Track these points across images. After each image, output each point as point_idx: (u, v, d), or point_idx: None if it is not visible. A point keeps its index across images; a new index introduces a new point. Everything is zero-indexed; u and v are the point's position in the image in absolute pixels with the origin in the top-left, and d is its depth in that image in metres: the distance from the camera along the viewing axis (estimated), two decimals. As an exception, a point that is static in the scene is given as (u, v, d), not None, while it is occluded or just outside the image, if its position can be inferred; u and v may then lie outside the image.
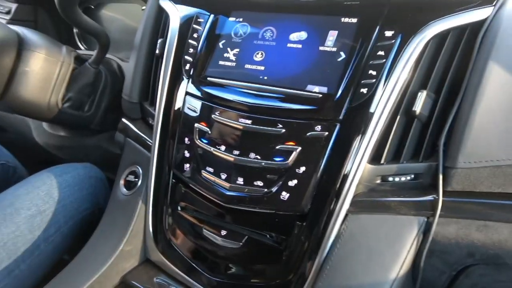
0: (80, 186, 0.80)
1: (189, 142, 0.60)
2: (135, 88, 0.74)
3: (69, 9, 0.68)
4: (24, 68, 0.72)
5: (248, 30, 0.61)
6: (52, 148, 1.01)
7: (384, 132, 0.49)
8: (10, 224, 0.69)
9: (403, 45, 0.49)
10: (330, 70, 0.53)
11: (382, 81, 0.49)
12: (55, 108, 0.79)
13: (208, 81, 0.61)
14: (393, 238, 0.50)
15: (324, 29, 0.55)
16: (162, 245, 0.64)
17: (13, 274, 0.66)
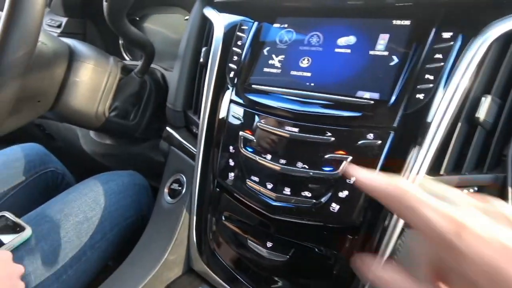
0: (125, 194, 0.81)
1: (233, 150, 0.59)
2: (179, 96, 0.74)
3: (117, 20, 0.70)
4: (74, 79, 0.75)
5: (293, 36, 0.60)
6: (98, 156, 1.04)
7: (444, 140, 0.46)
8: (60, 230, 0.71)
9: (463, 47, 0.46)
10: (382, 75, 0.50)
11: (440, 86, 0.46)
12: (102, 117, 0.81)
13: (252, 89, 0.60)
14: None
15: (374, 33, 0.53)
16: (206, 255, 0.63)
17: (61, 279, 0.68)
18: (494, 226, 0.25)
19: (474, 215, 0.26)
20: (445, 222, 0.25)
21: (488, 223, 0.25)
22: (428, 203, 0.27)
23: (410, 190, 0.28)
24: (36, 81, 0.66)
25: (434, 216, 0.26)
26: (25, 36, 0.54)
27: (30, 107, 0.70)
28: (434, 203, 0.27)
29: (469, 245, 0.24)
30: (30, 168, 0.93)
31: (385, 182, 0.30)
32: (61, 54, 0.72)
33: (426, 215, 0.26)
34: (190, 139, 0.73)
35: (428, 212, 0.26)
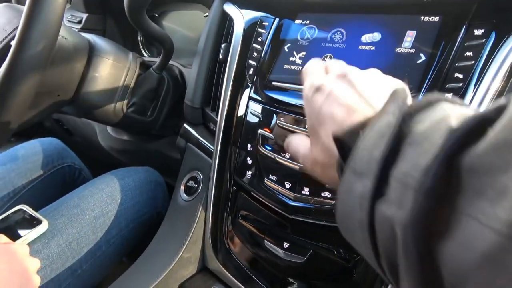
0: (140, 190, 0.81)
1: (251, 148, 0.58)
2: (198, 93, 0.73)
3: (138, 15, 0.69)
4: (93, 74, 0.75)
5: (315, 32, 0.59)
6: (115, 152, 1.04)
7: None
8: (76, 225, 0.71)
9: (497, 44, 0.43)
10: (408, 73, 0.48)
11: (471, 85, 0.44)
12: (120, 113, 0.81)
13: (272, 86, 0.58)
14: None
15: (400, 29, 0.51)
16: (221, 253, 0.62)
17: (76, 274, 0.68)
18: (333, 83, 0.35)
19: (328, 80, 0.36)
20: (307, 88, 0.38)
21: (329, 83, 0.36)
22: (309, 75, 0.40)
23: (308, 66, 0.42)
24: (56, 75, 0.66)
25: (307, 83, 0.39)
26: (46, 29, 0.54)
27: (49, 101, 0.71)
28: (310, 76, 0.39)
29: (313, 100, 0.36)
30: (48, 163, 0.93)
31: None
32: (81, 49, 0.72)
33: (304, 82, 0.40)
34: (208, 137, 0.72)
35: (306, 81, 0.39)
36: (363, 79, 0.35)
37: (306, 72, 0.42)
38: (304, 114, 0.53)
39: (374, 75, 0.36)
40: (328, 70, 0.40)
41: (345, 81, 0.35)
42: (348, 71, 0.36)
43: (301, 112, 0.54)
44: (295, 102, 0.55)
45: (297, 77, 0.57)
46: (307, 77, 0.40)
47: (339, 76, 0.36)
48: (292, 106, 0.55)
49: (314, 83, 0.37)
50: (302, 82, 0.41)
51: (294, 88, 0.56)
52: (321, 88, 0.36)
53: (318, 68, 0.41)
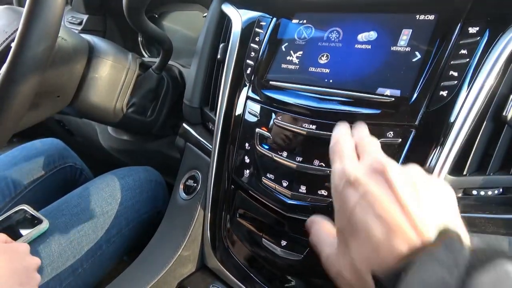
0: (140, 189, 0.81)
1: (249, 147, 0.59)
2: (196, 93, 0.74)
3: (136, 16, 0.70)
4: (93, 75, 0.75)
5: (312, 32, 0.59)
6: (115, 152, 1.05)
7: (468, 139, 0.44)
8: (76, 224, 0.71)
9: (491, 42, 0.44)
10: (404, 72, 0.48)
11: (465, 83, 0.44)
12: (120, 113, 0.81)
13: (270, 85, 0.59)
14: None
15: (396, 28, 0.51)
16: (219, 252, 0.63)
17: (76, 273, 0.68)
18: (369, 180, 0.30)
19: (362, 172, 0.31)
20: (338, 176, 0.33)
21: (363, 178, 0.31)
22: (339, 157, 0.35)
23: (337, 142, 0.37)
24: (55, 76, 0.67)
25: (336, 167, 0.34)
26: (46, 31, 0.55)
27: (49, 102, 0.71)
28: (341, 159, 0.35)
29: (344, 191, 0.31)
30: (49, 163, 0.94)
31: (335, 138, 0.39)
32: (80, 50, 0.73)
33: (332, 163, 0.36)
34: (206, 136, 0.72)
35: (335, 164, 0.35)
36: (405, 182, 0.29)
37: (335, 151, 0.37)
38: (302, 113, 0.54)
39: (418, 178, 0.30)
40: (361, 151, 0.35)
41: (384, 180, 0.29)
42: (387, 166, 0.30)
43: (298, 111, 0.54)
44: (292, 101, 0.55)
45: (294, 76, 0.57)
46: (336, 158, 0.35)
47: (376, 170, 0.31)
48: (290, 105, 0.55)
49: (346, 172, 0.32)
50: (330, 161, 0.36)
51: (291, 87, 0.56)
52: (354, 183, 0.30)
53: (349, 148, 0.36)
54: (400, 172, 0.30)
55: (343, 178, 0.32)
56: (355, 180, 0.31)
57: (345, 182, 0.31)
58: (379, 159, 0.32)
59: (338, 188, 0.32)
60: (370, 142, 0.37)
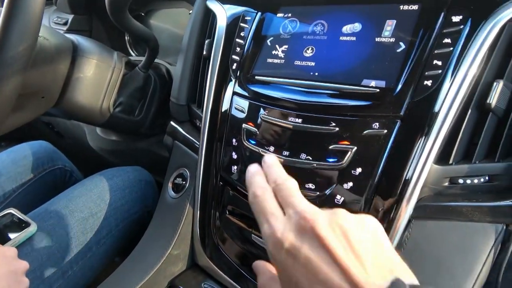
0: (130, 189, 0.81)
1: (236, 143, 0.58)
2: (183, 90, 0.73)
3: (119, 14, 0.69)
4: (78, 74, 0.74)
5: (297, 25, 0.59)
6: (104, 152, 1.04)
7: (453, 128, 0.44)
8: (65, 226, 0.71)
9: (473, 30, 0.43)
10: (388, 62, 0.48)
11: (449, 72, 0.44)
12: (107, 113, 0.80)
13: (255, 80, 0.58)
14: (465, 248, 0.44)
15: (380, 19, 0.51)
16: (209, 249, 0.62)
17: (66, 275, 0.68)
18: (299, 242, 0.30)
19: (293, 235, 0.31)
20: (271, 244, 0.32)
21: (296, 242, 0.30)
22: (264, 218, 0.33)
23: (256, 196, 0.35)
24: (38, 76, 0.66)
25: (266, 232, 0.33)
26: (25, 30, 0.54)
27: (34, 104, 0.70)
28: (267, 220, 0.33)
29: (281, 260, 0.31)
30: (38, 166, 0.93)
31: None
32: (64, 49, 0.72)
33: (261, 228, 0.33)
34: (194, 133, 0.72)
35: (263, 226, 0.33)
36: (336, 235, 0.29)
37: (257, 211, 0.35)
38: (288, 107, 0.54)
39: (346, 225, 0.29)
40: (283, 204, 0.33)
41: (316, 239, 0.29)
42: (313, 222, 0.30)
43: (284, 105, 0.54)
44: (278, 95, 0.54)
45: (280, 70, 0.57)
46: (261, 219, 0.34)
47: (304, 229, 0.30)
48: (276, 100, 0.55)
49: (277, 238, 0.31)
50: (257, 221, 0.34)
51: (277, 81, 0.56)
52: (291, 250, 0.30)
53: (270, 204, 0.34)
54: (328, 223, 0.30)
55: (277, 245, 0.31)
56: (291, 247, 0.30)
57: (280, 250, 0.31)
58: (303, 212, 0.31)
59: (276, 257, 0.31)
60: (288, 187, 0.35)
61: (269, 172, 0.37)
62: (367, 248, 0.28)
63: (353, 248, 0.28)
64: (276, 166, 0.38)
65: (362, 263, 0.27)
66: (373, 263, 0.27)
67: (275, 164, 0.38)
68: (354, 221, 0.30)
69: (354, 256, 0.28)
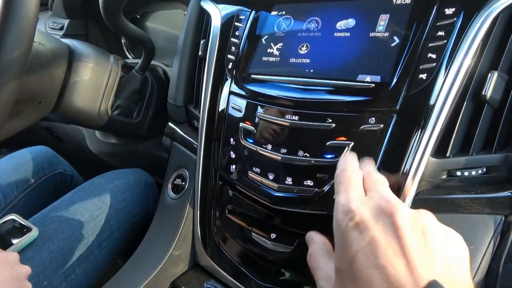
0: (130, 192, 0.81)
1: (234, 142, 0.58)
2: (180, 91, 0.73)
3: (114, 17, 0.69)
4: (75, 78, 0.74)
5: (291, 23, 0.59)
6: (104, 156, 1.04)
7: (449, 121, 0.44)
8: (66, 230, 0.71)
9: (466, 22, 0.43)
10: (383, 57, 0.48)
11: (444, 65, 0.44)
12: (105, 116, 0.81)
13: (251, 79, 0.58)
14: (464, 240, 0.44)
15: (374, 14, 0.51)
16: (211, 249, 0.62)
17: (69, 279, 0.68)
18: (374, 222, 0.29)
19: (369, 212, 0.30)
20: (341, 211, 0.32)
21: (370, 220, 0.29)
22: (344, 188, 0.34)
23: (344, 171, 0.36)
24: (35, 82, 0.66)
25: (341, 200, 0.33)
26: (20, 35, 0.54)
27: (31, 109, 0.70)
28: (346, 190, 0.33)
29: (347, 229, 0.30)
30: (38, 171, 0.93)
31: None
32: (60, 54, 0.72)
33: (337, 197, 0.34)
34: (192, 134, 0.72)
35: (340, 196, 0.34)
36: (414, 230, 0.27)
37: (341, 181, 0.35)
38: (284, 105, 0.54)
39: (429, 226, 0.28)
40: (369, 187, 0.33)
41: (391, 224, 0.28)
42: (397, 208, 0.29)
43: (281, 103, 0.54)
44: (274, 93, 0.54)
45: (275, 68, 0.57)
46: (341, 189, 0.34)
47: (384, 212, 0.29)
48: (272, 98, 0.55)
49: (351, 209, 0.30)
50: (335, 190, 0.35)
51: (272, 79, 0.56)
52: (360, 224, 0.29)
53: (356, 179, 0.34)
54: (410, 217, 0.29)
55: (348, 214, 0.30)
56: (361, 221, 0.29)
57: (348, 220, 0.30)
58: (388, 198, 0.30)
59: (341, 225, 0.31)
60: (380, 178, 0.35)
61: (365, 164, 0.39)
62: (444, 258, 0.26)
63: (428, 249, 0.26)
64: (373, 165, 0.39)
65: (432, 263, 0.26)
66: (444, 270, 0.26)
67: (372, 163, 0.40)
68: (441, 229, 0.29)
69: (426, 254, 0.26)
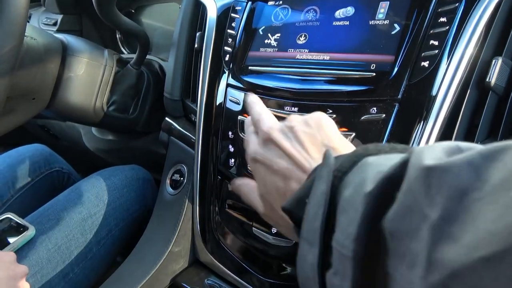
0: (128, 188, 0.80)
1: (232, 136, 0.57)
2: (176, 85, 0.72)
3: (107, 10, 0.67)
4: (69, 74, 0.73)
5: (289, 12, 0.57)
6: (101, 152, 1.03)
7: (453, 109, 0.43)
8: (64, 228, 0.70)
9: (469, 8, 0.42)
10: (384, 45, 0.47)
11: (446, 52, 0.43)
12: (100, 112, 0.79)
13: (249, 70, 0.57)
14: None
15: (373, 1, 0.50)
16: (211, 245, 0.62)
17: (68, 278, 0.67)
18: (266, 152, 0.36)
19: (259, 149, 0.37)
20: (249, 159, 0.39)
21: (262, 150, 0.36)
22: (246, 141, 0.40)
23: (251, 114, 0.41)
24: (28, 77, 0.65)
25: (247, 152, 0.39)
26: (10, 30, 0.53)
27: (25, 105, 0.69)
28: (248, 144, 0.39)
29: (254, 168, 0.38)
30: (35, 169, 0.92)
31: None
32: (53, 49, 0.70)
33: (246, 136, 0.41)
34: (190, 128, 0.71)
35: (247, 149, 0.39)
36: (286, 135, 0.35)
37: (246, 139, 0.41)
38: (283, 96, 0.53)
39: (296, 124, 0.35)
40: (258, 126, 0.39)
41: (272, 143, 0.36)
42: (270, 131, 0.36)
43: (279, 94, 0.53)
44: (273, 84, 0.53)
45: (273, 59, 0.56)
46: (247, 144, 0.40)
47: (266, 140, 0.36)
48: (270, 89, 0.54)
49: (249, 153, 0.38)
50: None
51: (270, 71, 0.55)
52: (256, 159, 0.37)
53: (250, 129, 0.41)
54: (279, 129, 0.36)
55: (250, 158, 0.38)
56: (255, 155, 0.37)
57: (251, 161, 0.38)
58: (264, 128, 0.37)
59: (252, 168, 0.38)
60: (259, 116, 0.40)
61: (251, 109, 0.42)
62: (310, 135, 0.34)
63: (298, 139, 0.34)
64: (258, 104, 0.42)
65: (304, 148, 0.33)
66: (313, 145, 0.33)
67: (256, 104, 0.42)
68: (300, 119, 0.36)
69: (298, 144, 0.34)
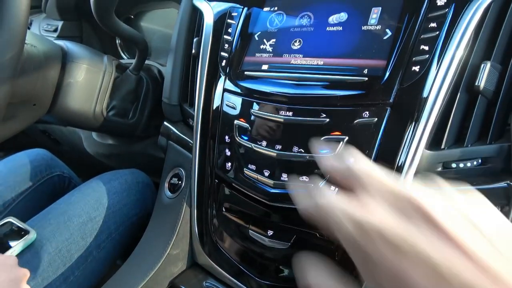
0: (128, 192, 0.80)
1: (229, 140, 0.58)
2: (174, 90, 0.73)
3: (106, 17, 0.69)
4: (69, 80, 0.74)
5: (283, 18, 0.58)
6: (101, 157, 1.04)
7: (443, 113, 0.44)
8: (64, 232, 0.71)
9: (458, 13, 0.43)
10: (376, 50, 0.48)
11: (436, 56, 0.43)
12: (100, 117, 0.80)
13: (245, 75, 0.58)
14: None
15: (366, 7, 0.51)
16: (208, 247, 0.62)
17: (68, 281, 0.68)
18: (406, 228, 0.21)
19: (386, 212, 0.22)
20: (349, 224, 0.23)
21: (401, 225, 0.21)
22: (337, 206, 0.24)
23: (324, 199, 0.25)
24: (28, 84, 0.66)
25: (339, 217, 0.23)
26: (11, 38, 0.54)
27: (26, 111, 0.70)
28: (342, 205, 0.24)
29: (374, 249, 0.21)
30: (36, 174, 0.93)
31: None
32: (53, 55, 0.71)
33: (334, 218, 0.24)
34: (188, 133, 0.72)
35: (337, 214, 0.24)
36: (456, 220, 0.21)
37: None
38: (278, 101, 0.53)
39: (467, 209, 0.22)
40: (358, 184, 0.26)
41: (426, 222, 0.21)
42: (421, 198, 0.22)
43: (274, 99, 0.53)
44: (268, 89, 0.54)
45: (269, 64, 0.57)
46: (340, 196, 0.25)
47: (413, 208, 0.22)
48: (266, 94, 0.54)
49: (363, 220, 0.22)
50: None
51: (266, 76, 0.56)
52: (388, 239, 0.21)
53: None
54: (440, 205, 0.22)
55: (360, 229, 0.22)
56: (390, 233, 0.21)
57: (366, 236, 0.22)
58: (401, 190, 0.23)
59: (353, 243, 0.23)
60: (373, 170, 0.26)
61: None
62: (496, 230, 0.21)
63: (484, 237, 0.21)
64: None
65: (499, 251, 0.20)
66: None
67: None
68: (479, 206, 0.23)
69: (485, 244, 0.20)
